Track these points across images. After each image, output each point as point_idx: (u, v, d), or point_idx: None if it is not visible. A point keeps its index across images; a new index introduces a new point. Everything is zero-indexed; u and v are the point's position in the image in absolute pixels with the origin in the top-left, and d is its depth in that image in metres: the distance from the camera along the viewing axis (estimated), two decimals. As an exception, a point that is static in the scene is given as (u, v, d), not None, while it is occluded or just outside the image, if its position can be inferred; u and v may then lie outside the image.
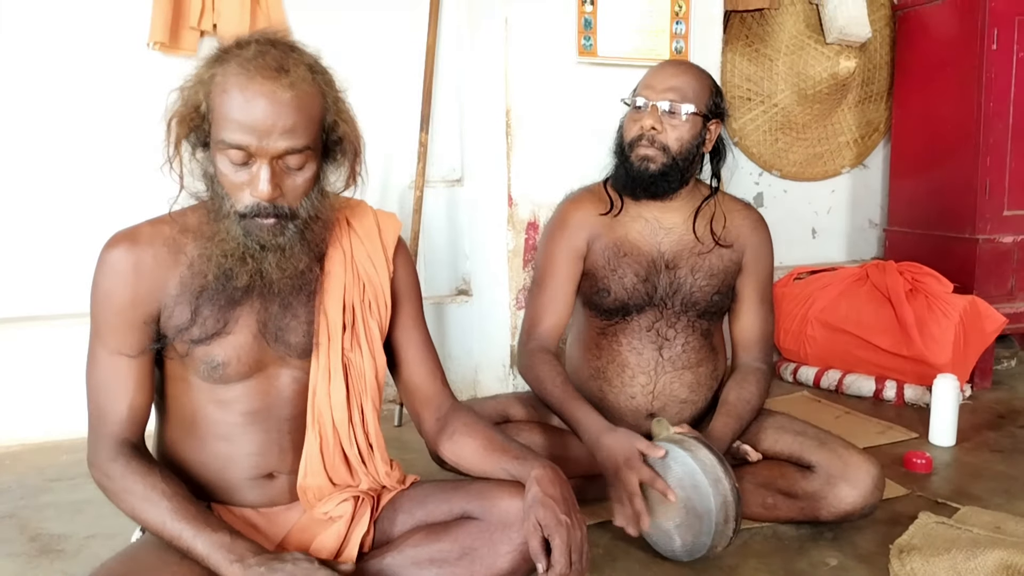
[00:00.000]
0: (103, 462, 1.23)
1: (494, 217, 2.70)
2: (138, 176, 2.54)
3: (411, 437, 2.27)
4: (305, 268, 1.25)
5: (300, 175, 1.18)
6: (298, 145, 1.15)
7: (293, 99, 1.13)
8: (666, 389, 1.87)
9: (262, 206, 1.16)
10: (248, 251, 1.19)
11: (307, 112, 1.16)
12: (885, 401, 2.83)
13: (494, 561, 1.26)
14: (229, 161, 1.15)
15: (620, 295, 1.84)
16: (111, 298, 1.23)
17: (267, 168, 1.14)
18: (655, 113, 1.78)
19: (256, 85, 1.12)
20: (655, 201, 1.85)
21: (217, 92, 1.14)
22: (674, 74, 1.80)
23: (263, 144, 1.13)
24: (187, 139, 1.20)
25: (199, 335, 1.24)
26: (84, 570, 1.23)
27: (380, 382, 1.40)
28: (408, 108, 2.83)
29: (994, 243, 3.09)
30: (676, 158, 1.78)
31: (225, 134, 1.13)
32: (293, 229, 1.20)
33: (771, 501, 1.78)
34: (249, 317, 1.27)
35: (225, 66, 1.14)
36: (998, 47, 3.01)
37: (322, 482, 1.33)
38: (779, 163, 3.61)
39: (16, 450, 2.43)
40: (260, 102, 1.11)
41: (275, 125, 1.12)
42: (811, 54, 3.37)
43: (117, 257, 1.22)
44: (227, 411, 1.29)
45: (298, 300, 1.30)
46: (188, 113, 1.18)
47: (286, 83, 1.12)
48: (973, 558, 1.56)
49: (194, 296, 1.23)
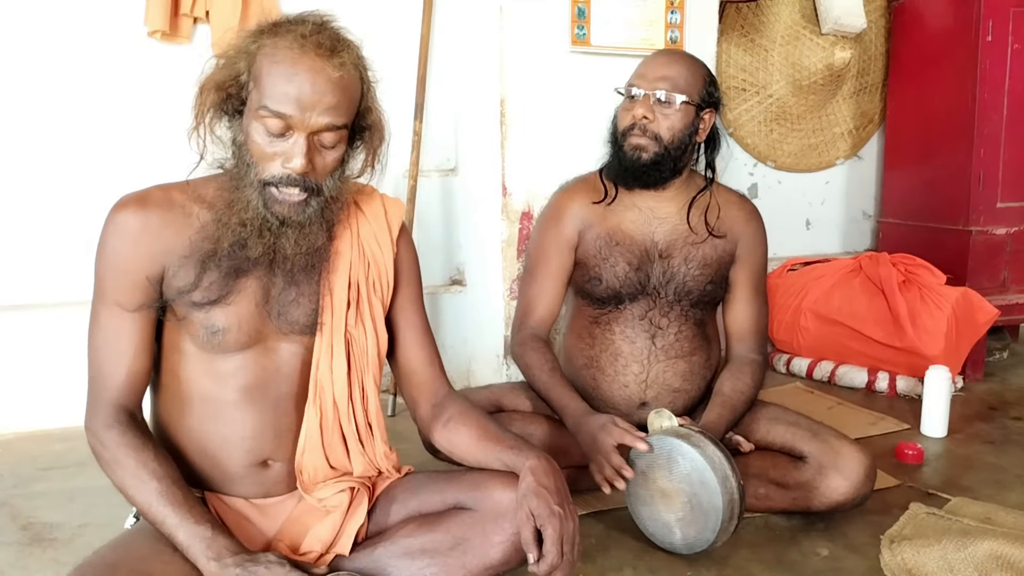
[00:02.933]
0: (99, 428, 1.23)
1: (488, 207, 2.69)
2: (136, 163, 2.54)
3: (404, 427, 2.27)
4: (320, 246, 1.27)
5: (331, 154, 1.22)
6: (338, 123, 1.19)
7: (341, 79, 1.18)
8: (659, 378, 1.87)
9: (293, 177, 1.18)
10: (267, 224, 1.21)
11: (350, 94, 1.21)
12: (877, 392, 2.84)
13: (487, 551, 1.27)
14: (266, 130, 1.17)
15: (612, 283, 1.85)
16: (117, 258, 1.23)
17: (304, 142, 1.17)
18: (647, 102, 1.78)
19: (309, 60, 1.15)
20: (649, 191, 1.85)
21: (266, 62, 1.17)
22: (666, 63, 1.80)
23: (305, 117, 1.16)
24: (217, 107, 1.22)
25: (200, 299, 1.24)
26: (76, 558, 1.23)
27: (381, 358, 1.41)
28: (402, 96, 2.82)
29: (987, 235, 3.09)
30: (668, 147, 1.78)
31: (269, 102, 1.15)
32: (315, 206, 1.22)
33: (763, 491, 1.79)
34: (254, 288, 1.27)
35: (276, 38, 1.18)
36: (993, 38, 3.00)
37: (319, 461, 1.33)
38: (773, 154, 3.61)
39: (9, 438, 2.42)
40: (309, 75, 1.15)
41: (320, 101, 1.16)
42: (806, 45, 3.36)
43: (125, 218, 1.23)
44: (223, 386, 1.28)
45: (304, 277, 1.31)
46: (226, 80, 1.20)
47: (337, 63, 1.17)
48: (963, 548, 1.57)
49: (201, 260, 1.24)
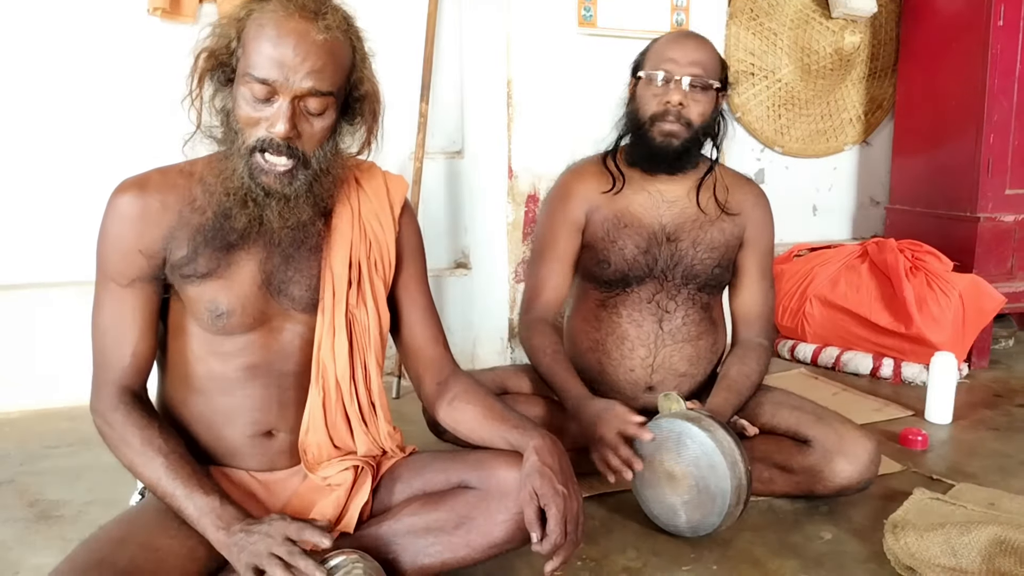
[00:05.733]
0: (105, 409, 1.24)
1: (494, 189, 2.68)
2: (139, 144, 2.53)
3: (409, 409, 2.28)
4: (307, 221, 1.26)
5: (318, 121, 1.20)
6: (322, 88, 1.17)
7: (325, 42, 1.16)
8: (665, 362, 1.87)
9: (276, 142, 1.17)
10: (251, 194, 1.20)
11: (336, 59, 1.18)
12: (882, 379, 2.83)
13: (490, 530, 1.27)
14: (252, 95, 1.16)
15: (620, 266, 1.84)
16: (118, 242, 1.24)
17: (288, 106, 1.16)
18: (680, 88, 1.75)
19: (292, 23, 1.14)
20: (664, 175, 1.84)
21: (253, 27, 1.16)
22: (696, 48, 1.77)
23: (288, 80, 1.14)
24: (210, 76, 1.21)
25: (190, 271, 1.24)
26: (83, 535, 1.23)
27: (384, 337, 1.40)
28: (408, 77, 2.80)
29: (995, 222, 3.07)
30: (697, 132, 1.78)
31: (253, 68, 1.15)
32: (303, 179, 1.21)
33: (767, 475, 1.79)
34: (251, 265, 1.27)
35: (264, 4, 1.16)
36: (1004, 23, 2.97)
37: (322, 439, 1.34)
38: (781, 140, 3.59)
39: (15, 416, 2.43)
40: (293, 39, 1.14)
41: (304, 63, 1.14)
42: (816, 28, 3.33)
43: (125, 202, 1.23)
44: (228, 364, 1.29)
45: (301, 254, 1.30)
46: (218, 48, 1.19)
47: (322, 25, 1.15)
48: (967, 534, 1.57)
49: (192, 233, 1.24)
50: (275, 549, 1.12)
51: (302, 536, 1.14)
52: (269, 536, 1.13)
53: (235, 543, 1.14)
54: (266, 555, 1.11)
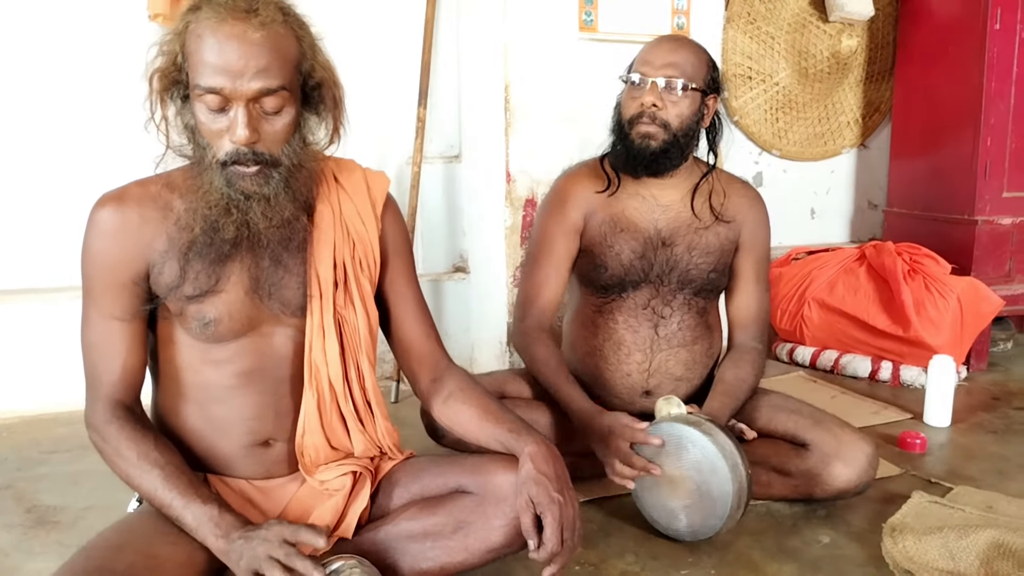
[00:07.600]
0: (99, 424, 1.24)
1: (492, 194, 2.68)
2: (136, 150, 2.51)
3: (407, 414, 2.28)
4: (291, 217, 1.24)
5: (278, 120, 1.17)
6: (272, 85, 1.14)
7: (264, 39, 1.12)
8: (662, 367, 1.87)
9: (242, 152, 1.15)
10: (232, 201, 1.18)
11: (280, 53, 1.15)
12: (881, 382, 2.83)
13: (488, 534, 1.27)
14: (207, 108, 1.14)
15: (616, 271, 1.84)
16: (100, 258, 1.23)
17: (244, 111, 1.13)
18: (655, 89, 1.76)
19: (227, 27, 1.11)
20: (653, 179, 1.84)
21: (191, 38, 1.14)
22: (671, 49, 1.78)
23: (236, 85, 1.12)
24: (168, 95, 1.19)
25: (192, 292, 1.23)
26: (80, 541, 1.23)
27: (374, 336, 1.40)
28: (406, 82, 2.81)
29: (993, 225, 3.08)
30: (677, 134, 1.77)
31: (200, 79, 1.13)
32: (277, 178, 1.19)
33: (765, 479, 1.79)
34: (241, 273, 1.26)
35: (198, 13, 1.14)
36: (1001, 26, 2.98)
37: (319, 441, 1.33)
38: (778, 143, 3.59)
39: (13, 422, 2.43)
40: (231, 43, 1.11)
41: (247, 65, 1.11)
42: (813, 32, 3.34)
43: (105, 217, 1.23)
44: (221, 372, 1.29)
45: (288, 255, 1.29)
46: (167, 67, 1.17)
47: (256, 23, 1.12)
48: (965, 537, 1.57)
49: (182, 252, 1.23)
50: (273, 552, 1.12)
51: (298, 537, 1.14)
52: (267, 540, 1.13)
53: (234, 550, 1.14)
54: (264, 558, 1.11)
